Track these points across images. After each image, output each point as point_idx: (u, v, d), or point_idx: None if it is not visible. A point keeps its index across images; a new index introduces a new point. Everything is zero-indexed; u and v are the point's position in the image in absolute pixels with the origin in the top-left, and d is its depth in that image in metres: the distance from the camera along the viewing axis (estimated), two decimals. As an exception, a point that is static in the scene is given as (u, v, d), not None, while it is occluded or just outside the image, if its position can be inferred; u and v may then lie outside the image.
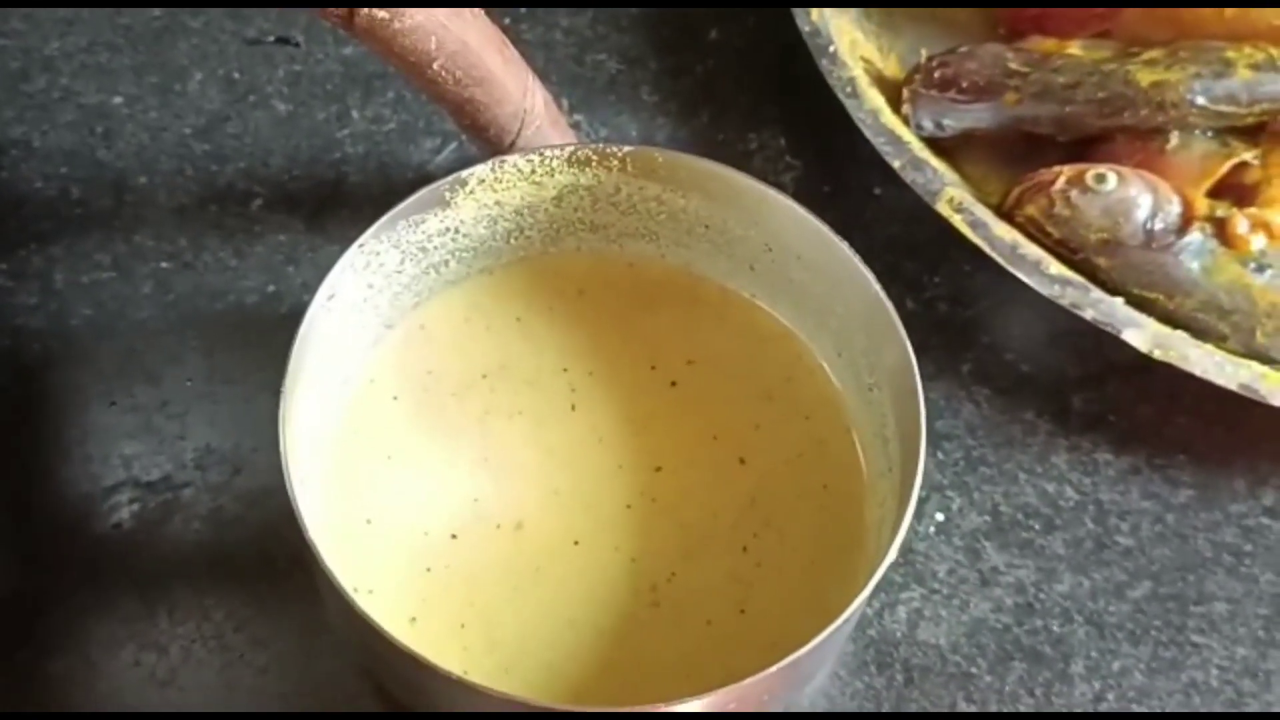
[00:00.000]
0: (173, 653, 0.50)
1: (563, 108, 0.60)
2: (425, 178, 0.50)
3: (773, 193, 0.49)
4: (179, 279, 0.56)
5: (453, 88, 0.47)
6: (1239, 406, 0.53)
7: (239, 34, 0.61)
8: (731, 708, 0.44)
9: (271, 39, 0.61)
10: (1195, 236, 0.54)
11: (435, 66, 0.46)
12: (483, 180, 0.49)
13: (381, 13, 0.44)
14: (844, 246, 0.48)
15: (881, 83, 0.59)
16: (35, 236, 0.57)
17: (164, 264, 0.57)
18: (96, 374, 0.54)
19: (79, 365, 0.54)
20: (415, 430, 0.50)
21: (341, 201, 0.58)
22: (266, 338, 0.54)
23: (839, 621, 0.43)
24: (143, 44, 0.61)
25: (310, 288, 0.47)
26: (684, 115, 0.61)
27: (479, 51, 0.47)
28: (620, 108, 0.61)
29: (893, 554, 0.44)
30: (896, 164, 0.56)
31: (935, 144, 0.58)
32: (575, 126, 0.60)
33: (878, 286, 0.47)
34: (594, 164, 0.50)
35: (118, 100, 0.60)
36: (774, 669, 0.42)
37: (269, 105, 0.60)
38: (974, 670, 0.51)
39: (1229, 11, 0.57)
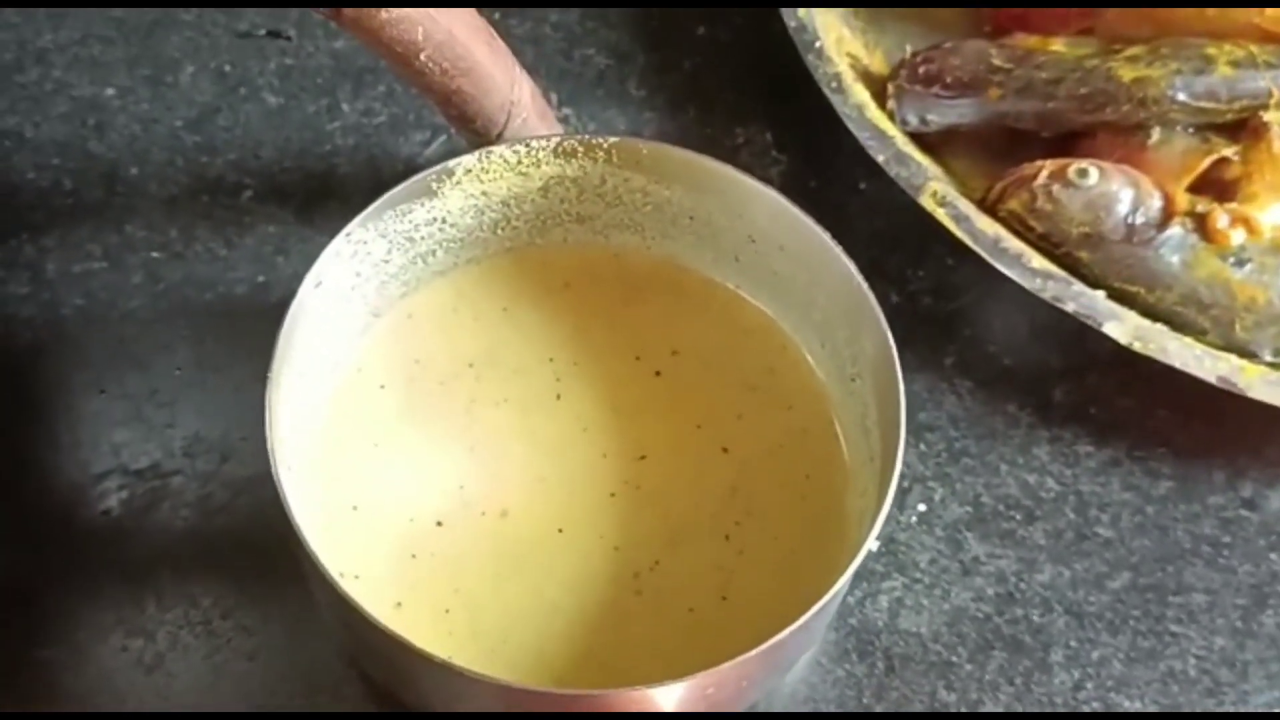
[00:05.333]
0: (160, 639, 0.50)
1: (551, 102, 0.61)
2: (414, 170, 0.50)
3: (755, 183, 0.49)
4: (169, 269, 0.57)
5: (439, 78, 0.48)
6: (1219, 400, 0.53)
7: (230, 27, 0.62)
8: (710, 693, 0.44)
9: (263, 32, 0.62)
10: (1176, 231, 0.55)
11: (422, 57, 0.47)
12: (469, 170, 0.50)
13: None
14: (825, 236, 0.48)
15: (867, 78, 0.59)
16: (27, 227, 0.57)
17: (155, 254, 0.57)
18: (86, 362, 0.55)
19: (69, 354, 0.55)
20: (402, 418, 0.50)
21: (331, 193, 0.59)
22: (255, 327, 0.54)
23: (816, 607, 0.44)
24: (135, 37, 0.61)
25: (300, 278, 0.47)
26: (671, 110, 0.61)
27: (466, 42, 0.47)
28: (608, 102, 0.61)
29: (871, 542, 0.44)
30: (880, 158, 0.56)
31: (920, 139, 0.58)
32: (563, 120, 0.60)
33: (859, 276, 0.48)
34: (580, 155, 0.50)
35: (110, 92, 0.60)
36: (751, 653, 0.43)
37: (260, 98, 0.60)
38: (954, 659, 0.52)
39: (1210, 9, 0.58)
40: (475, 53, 0.48)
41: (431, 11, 0.46)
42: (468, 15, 0.48)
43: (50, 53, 0.61)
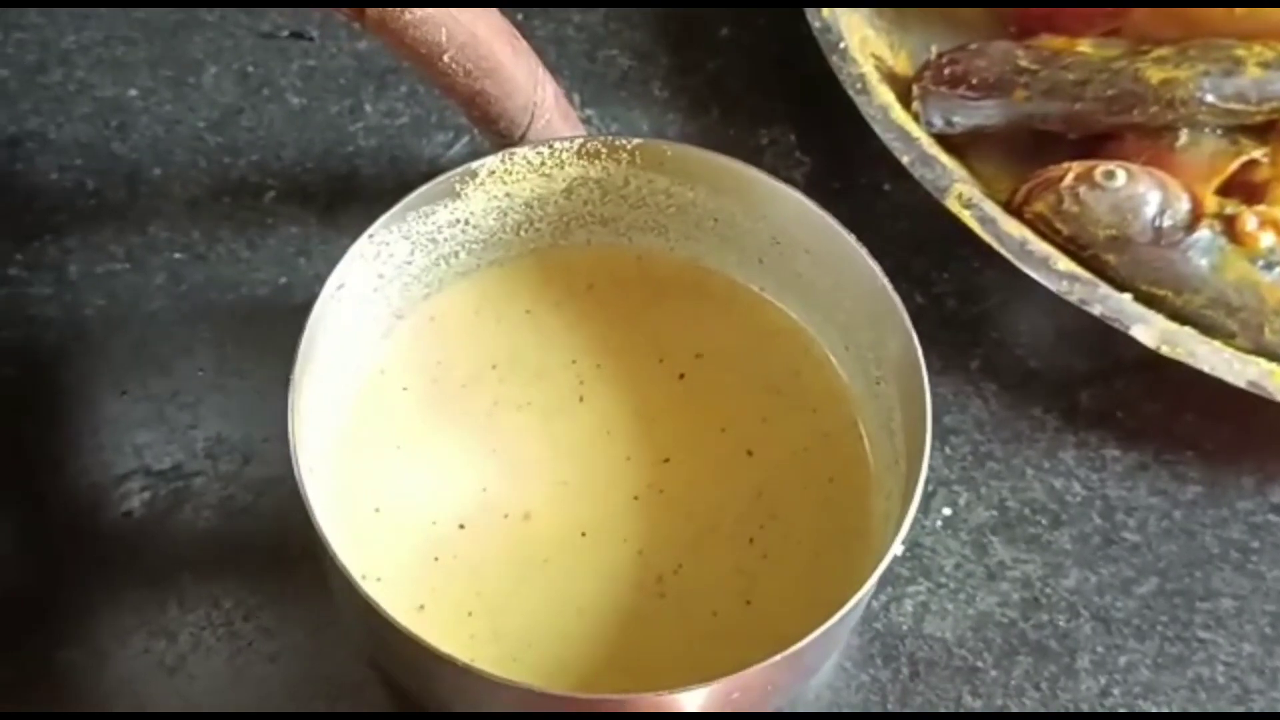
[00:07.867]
0: (182, 640, 0.50)
1: (574, 103, 0.60)
2: (437, 171, 0.50)
3: (780, 185, 0.49)
4: (192, 270, 0.57)
5: (463, 80, 0.48)
6: (1247, 403, 0.53)
7: (253, 28, 0.62)
8: (735, 698, 0.44)
9: (286, 33, 0.62)
10: (1204, 233, 0.54)
11: (446, 59, 0.47)
12: (493, 172, 0.49)
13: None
14: (850, 239, 0.48)
15: (892, 80, 0.59)
16: (50, 228, 0.57)
17: (177, 255, 0.57)
18: (109, 364, 0.55)
19: (92, 355, 0.55)
20: (424, 420, 0.50)
21: (354, 195, 0.59)
22: (278, 329, 0.54)
23: (841, 613, 0.43)
24: (158, 38, 0.61)
25: (322, 280, 0.47)
26: (694, 111, 0.61)
27: (489, 43, 0.47)
28: (631, 104, 0.61)
29: (897, 547, 0.44)
30: (905, 160, 0.56)
31: (945, 141, 0.58)
32: (586, 122, 0.60)
33: (884, 278, 0.47)
34: (603, 157, 0.50)
35: (133, 93, 0.60)
36: (776, 659, 0.42)
37: (283, 99, 0.60)
38: (979, 664, 0.51)
39: (1239, 10, 0.57)
40: (499, 54, 0.48)
41: (455, 13, 0.46)
42: (491, 16, 0.47)
43: (74, 54, 0.61)
